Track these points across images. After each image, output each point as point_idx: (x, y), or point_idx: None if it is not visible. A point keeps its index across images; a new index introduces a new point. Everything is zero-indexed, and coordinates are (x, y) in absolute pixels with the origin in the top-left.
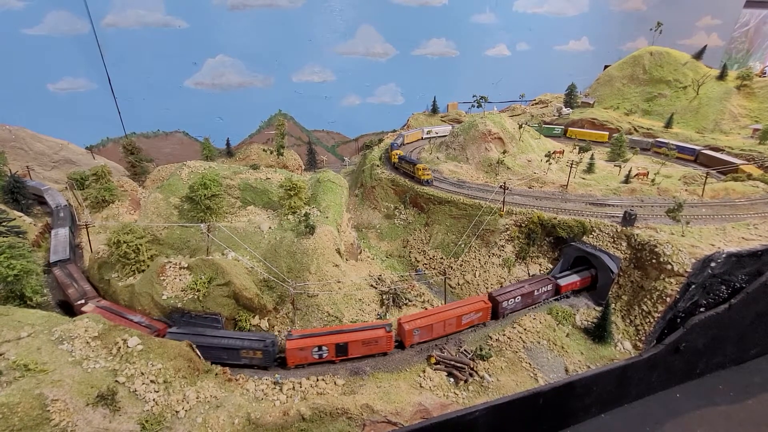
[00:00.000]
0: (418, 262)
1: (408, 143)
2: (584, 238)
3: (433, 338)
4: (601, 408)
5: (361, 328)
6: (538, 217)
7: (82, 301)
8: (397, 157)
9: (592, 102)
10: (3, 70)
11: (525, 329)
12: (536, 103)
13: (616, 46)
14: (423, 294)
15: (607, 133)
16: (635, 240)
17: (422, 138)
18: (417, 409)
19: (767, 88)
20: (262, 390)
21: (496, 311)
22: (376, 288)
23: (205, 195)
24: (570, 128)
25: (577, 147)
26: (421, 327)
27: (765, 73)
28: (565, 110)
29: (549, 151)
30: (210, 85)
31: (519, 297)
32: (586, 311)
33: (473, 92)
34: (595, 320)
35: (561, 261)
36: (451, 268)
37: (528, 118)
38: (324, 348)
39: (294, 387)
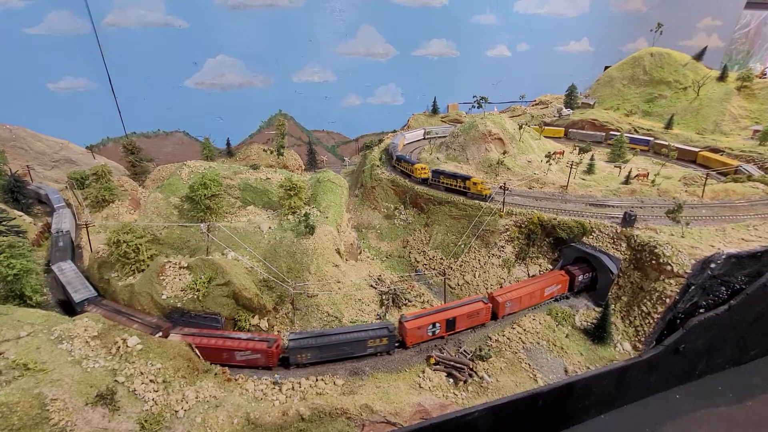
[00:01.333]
0: (417, 262)
1: (408, 143)
2: (584, 238)
3: (521, 309)
4: (600, 409)
5: (463, 303)
6: (537, 217)
7: (161, 333)
8: (429, 172)
9: (592, 103)
10: (3, 69)
11: (524, 330)
12: (536, 104)
13: (617, 47)
14: (423, 294)
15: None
16: (635, 241)
17: (424, 138)
18: (416, 410)
19: (767, 89)
20: (262, 390)
21: (572, 284)
22: (375, 288)
23: (205, 195)
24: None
25: (578, 148)
26: (512, 299)
27: (765, 74)
28: (565, 111)
29: (549, 152)
30: (210, 84)
31: (588, 273)
32: (585, 312)
33: (473, 93)
34: (594, 321)
35: (561, 262)
36: (451, 268)
37: (528, 118)
38: (437, 324)
39: (293, 387)
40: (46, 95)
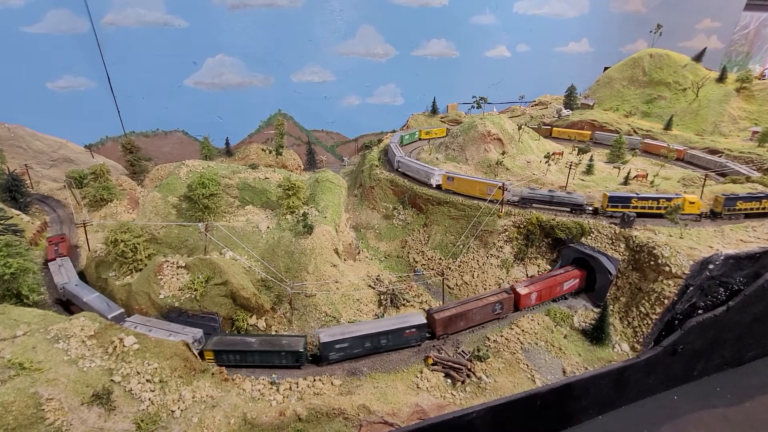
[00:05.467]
0: (416, 262)
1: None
2: (583, 239)
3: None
4: (598, 410)
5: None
6: (536, 218)
7: None
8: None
9: (591, 103)
10: (2, 68)
11: (523, 330)
12: (536, 105)
13: (616, 48)
14: (421, 294)
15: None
16: (633, 242)
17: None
18: (414, 410)
19: (767, 90)
20: (259, 390)
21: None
22: (374, 288)
23: (203, 194)
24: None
25: (577, 148)
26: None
27: (765, 75)
28: (564, 112)
29: (548, 153)
30: (210, 84)
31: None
32: (584, 313)
33: (473, 93)
34: (593, 322)
35: (559, 262)
36: (450, 268)
37: (528, 119)
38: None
39: (290, 387)
40: (45, 94)
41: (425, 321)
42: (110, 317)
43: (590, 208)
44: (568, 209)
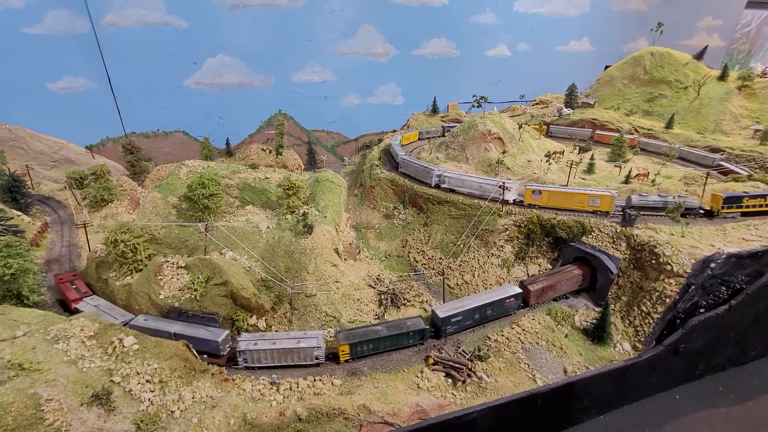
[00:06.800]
0: (416, 262)
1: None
2: (583, 238)
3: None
4: (600, 409)
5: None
6: (537, 217)
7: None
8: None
9: (592, 102)
10: (3, 68)
11: (524, 329)
12: (537, 104)
13: (617, 47)
14: (422, 294)
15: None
16: (635, 240)
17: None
18: (414, 410)
19: None
20: (259, 390)
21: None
22: (374, 288)
23: (203, 194)
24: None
25: (578, 147)
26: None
27: (766, 73)
28: (565, 110)
29: (549, 152)
30: (210, 84)
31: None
32: (585, 312)
33: (473, 92)
34: (594, 321)
35: (560, 261)
36: (450, 268)
37: (528, 118)
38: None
39: (291, 387)
40: (46, 95)
41: (521, 291)
42: (220, 341)
43: (702, 211)
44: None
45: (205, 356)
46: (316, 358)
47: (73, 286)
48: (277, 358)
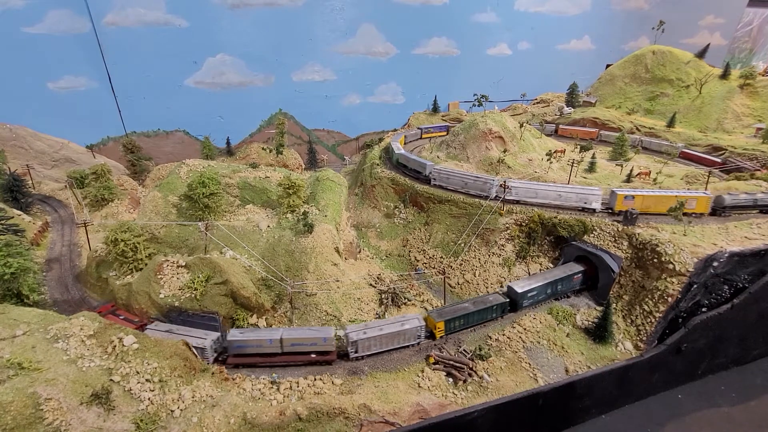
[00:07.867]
0: (417, 261)
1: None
2: (585, 237)
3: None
4: (601, 409)
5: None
6: (538, 216)
7: None
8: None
9: (593, 101)
10: (3, 68)
11: (525, 329)
12: (538, 103)
13: (619, 45)
14: (422, 293)
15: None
16: (636, 239)
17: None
18: (415, 409)
19: None
20: (259, 389)
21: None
22: (375, 287)
23: (203, 193)
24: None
25: (579, 146)
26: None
27: None
28: (566, 109)
29: (550, 150)
30: (210, 84)
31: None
32: (586, 311)
33: (474, 91)
34: (595, 320)
35: (562, 260)
36: (451, 267)
37: (529, 117)
38: None
39: (291, 386)
40: (46, 94)
41: (584, 268)
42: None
43: None
44: None
45: (312, 355)
46: (418, 337)
47: (121, 317)
48: (385, 342)
